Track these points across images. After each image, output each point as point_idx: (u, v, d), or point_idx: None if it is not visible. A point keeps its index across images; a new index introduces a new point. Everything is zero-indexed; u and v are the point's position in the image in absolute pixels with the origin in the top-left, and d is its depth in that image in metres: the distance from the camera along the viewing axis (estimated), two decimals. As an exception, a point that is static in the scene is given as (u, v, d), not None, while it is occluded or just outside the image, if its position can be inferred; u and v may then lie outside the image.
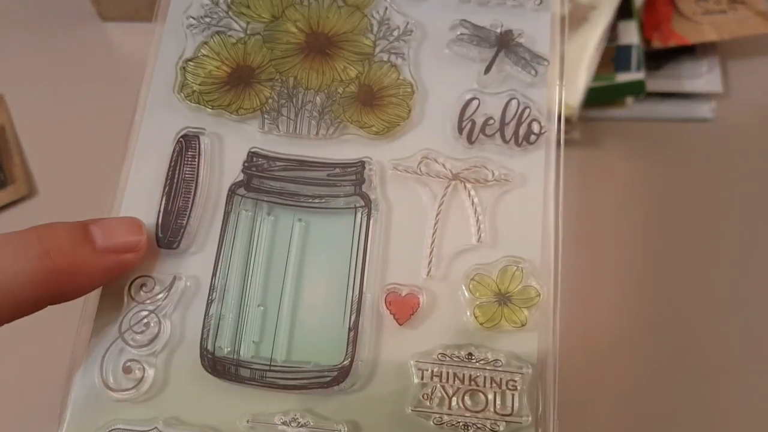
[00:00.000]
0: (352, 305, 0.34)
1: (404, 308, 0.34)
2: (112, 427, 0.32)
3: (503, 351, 0.33)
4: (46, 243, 0.30)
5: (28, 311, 0.30)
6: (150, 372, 0.33)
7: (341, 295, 0.34)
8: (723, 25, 0.58)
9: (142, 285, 0.34)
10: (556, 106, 0.37)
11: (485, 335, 0.34)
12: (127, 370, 0.32)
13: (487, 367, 0.33)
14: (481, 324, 0.34)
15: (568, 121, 0.52)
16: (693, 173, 0.56)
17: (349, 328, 0.33)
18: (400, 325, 0.34)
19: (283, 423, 0.32)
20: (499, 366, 0.33)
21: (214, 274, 0.34)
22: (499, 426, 0.32)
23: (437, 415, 0.32)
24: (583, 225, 0.53)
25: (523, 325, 0.34)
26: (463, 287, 0.34)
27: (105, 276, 0.32)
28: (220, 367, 0.33)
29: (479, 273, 0.34)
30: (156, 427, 0.32)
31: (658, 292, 0.52)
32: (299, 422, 0.32)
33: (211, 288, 0.34)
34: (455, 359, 0.33)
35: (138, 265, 0.33)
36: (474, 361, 0.33)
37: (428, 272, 0.35)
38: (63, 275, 0.30)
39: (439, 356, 0.33)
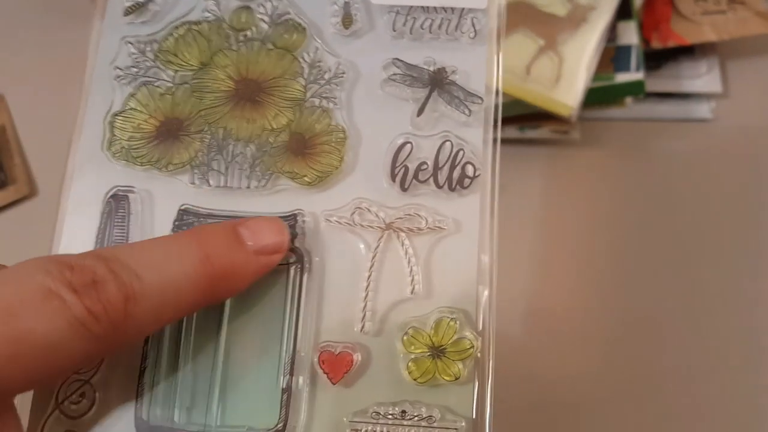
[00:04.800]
0: (285, 365, 0.34)
1: (338, 367, 0.34)
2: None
3: (438, 406, 0.33)
4: (205, 247, 0.30)
5: (185, 313, 0.32)
6: (85, 446, 0.33)
7: (274, 355, 0.34)
8: (722, 25, 0.58)
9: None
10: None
11: (420, 390, 0.34)
12: (63, 443, 0.33)
13: (422, 424, 0.33)
14: (415, 379, 0.34)
15: (567, 121, 0.51)
16: (692, 173, 0.56)
17: (283, 390, 0.33)
18: (334, 384, 0.34)
19: (217, 489, 0.32)
20: (434, 422, 0.33)
21: (145, 341, 0.34)
22: (432, 485, 0.32)
23: (371, 476, 0.33)
24: (583, 225, 0.54)
25: (457, 378, 0.34)
26: (397, 341, 0.34)
27: (254, 277, 0.32)
28: (155, 435, 0.33)
29: (413, 326, 0.34)
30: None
31: (656, 292, 0.52)
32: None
33: (144, 355, 0.34)
34: (389, 417, 0.33)
35: None
36: (408, 418, 0.33)
37: (362, 327, 0.35)
38: (221, 279, 0.31)
39: (373, 415, 0.33)
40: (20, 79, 0.60)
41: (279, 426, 0.33)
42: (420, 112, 0.37)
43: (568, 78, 0.53)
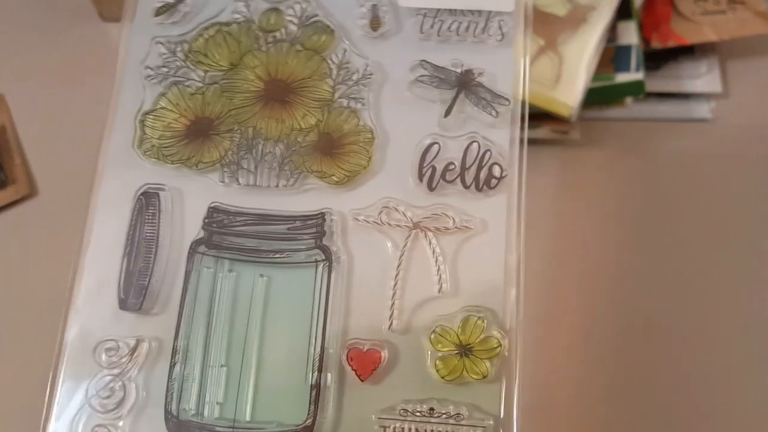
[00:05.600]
0: (314, 363, 0.34)
1: (366, 364, 0.34)
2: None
3: (465, 404, 0.34)
4: None
5: None
6: (116, 439, 0.33)
7: (303, 352, 0.34)
8: (722, 25, 0.58)
9: (107, 349, 0.34)
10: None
11: (447, 388, 0.34)
12: (93, 437, 0.33)
13: (450, 422, 0.33)
14: (443, 377, 0.34)
15: (567, 121, 0.52)
16: (692, 173, 0.56)
17: (311, 387, 0.34)
18: (362, 381, 0.34)
19: (247, 488, 0.32)
20: (461, 420, 0.33)
21: (176, 337, 0.34)
22: (460, 482, 0.33)
23: (400, 472, 0.33)
24: (583, 224, 0.53)
25: (485, 377, 0.34)
26: (425, 339, 0.34)
27: None
28: (185, 430, 0.33)
29: (441, 325, 0.35)
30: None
31: (654, 293, 0.52)
32: (262, 486, 0.32)
33: (174, 350, 0.34)
34: (417, 414, 0.33)
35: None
36: (436, 415, 0.33)
37: (390, 325, 0.35)
38: None
39: (402, 412, 0.34)
40: (20, 79, 0.60)
41: (308, 422, 0.33)
42: (447, 113, 0.38)
43: (568, 78, 0.53)
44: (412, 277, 0.36)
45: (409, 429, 0.33)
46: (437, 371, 0.34)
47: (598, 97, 0.54)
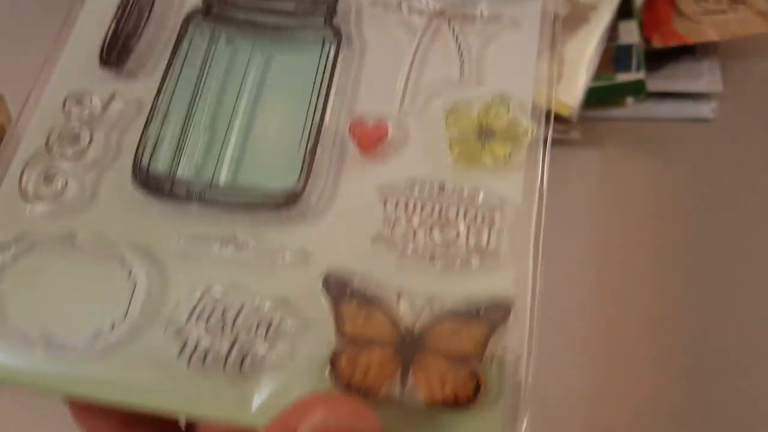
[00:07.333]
0: (310, 132, 0.29)
1: (370, 138, 0.30)
2: (22, 236, 0.27)
3: (482, 188, 0.29)
4: None
5: None
6: (73, 184, 0.28)
7: (299, 123, 0.30)
8: (723, 25, 0.57)
9: (78, 100, 0.30)
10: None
11: (462, 172, 0.29)
12: (48, 180, 0.28)
13: (463, 200, 0.28)
14: (457, 159, 0.29)
15: (568, 121, 0.50)
16: (693, 173, 0.55)
17: (305, 153, 0.29)
18: (365, 154, 0.29)
19: (221, 242, 0.27)
20: (476, 200, 0.28)
21: (157, 95, 0.30)
22: (471, 260, 0.27)
23: (400, 248, 0.27)
24: (582, 224, 0.52)
25: (506, 162, 0.29)
26: (440, 121, 0.30)
27: None
28: (154, 183, 0.29)
29: (459, 107, 0.30)
30: (72, 239, 0.27)
31: (654, 294, 0.50)
32: (238, 243, 0.27)
33: (153, 108, 0.30)
34: (425, 190, 0.28)
35: None
36: (447, 192, 0.28)
37: (401, 104, 0.30)
38: None
39: (407, 187, 0.29)
40: (20, 79, 0.60)
41: (298, 187, 0.28)
42: None
43: (568, 78, 0.52)
44: (430, 64, 0.32)
45: (414, 205, 0.28)
46: (452, 152, 0.29)
47: (598, 97, 0.54)
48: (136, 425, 0.29)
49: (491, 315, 0.26)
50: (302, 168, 0.29)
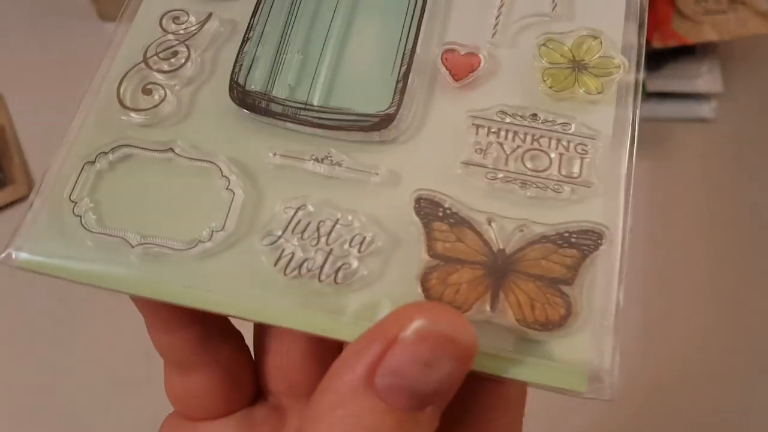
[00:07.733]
0: (403, 58, 0.30)
1: (462, 66, 0.30)
2: (120, 144, 0.28)
3: (575, 118, 0.29)
4: None
5: None
6: (172, 98, 0.29)
7: (392, 49, 0.30)
8: (723, 25, 0.57)
9: (175, 18, 0.30)
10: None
11: (555, 102, 0.29)
12: (146, 92, 0.29)
13: (555, 129, 0.28)
14: (550, 88, 0.29)
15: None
16: (693, 173, 0.55)
17: (398, 79, 0.29)
18: (456, 82, 0.29)
19: (314, 159, 0.28)
20: (568, 130, 0.28)
21: (252, 16, 0.30)
22: (562, 188, 0.27)
23: (491, 173, 0.28)
24: None
25: (599, 93, 0.29)
26: (532, 53, 0.30)
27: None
28: (250, 100, 0.29)
29: (551, 39, 0.30)
30: (171, 149, 0.28)
31: (655, 292, 0.50)
32: (332, 160, 0.28)
33: (249, 27, 0.30)
34: (517, 118, 0.29)
35: None
36: (539, 121, 0.28)
37: (493, 35, 0.30)
38: None
39: (499, 114, 0.29)
40: (20, 79, 0.60)
41: (391, 110, 0.28)
42: None
43: None
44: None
45: (506, 131, 0.28)
46: (544, 81, 0.29)
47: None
48: (210, 339, 0.30)
49: (583, 241, 0.26)
50: (395, 92, 0.29)
